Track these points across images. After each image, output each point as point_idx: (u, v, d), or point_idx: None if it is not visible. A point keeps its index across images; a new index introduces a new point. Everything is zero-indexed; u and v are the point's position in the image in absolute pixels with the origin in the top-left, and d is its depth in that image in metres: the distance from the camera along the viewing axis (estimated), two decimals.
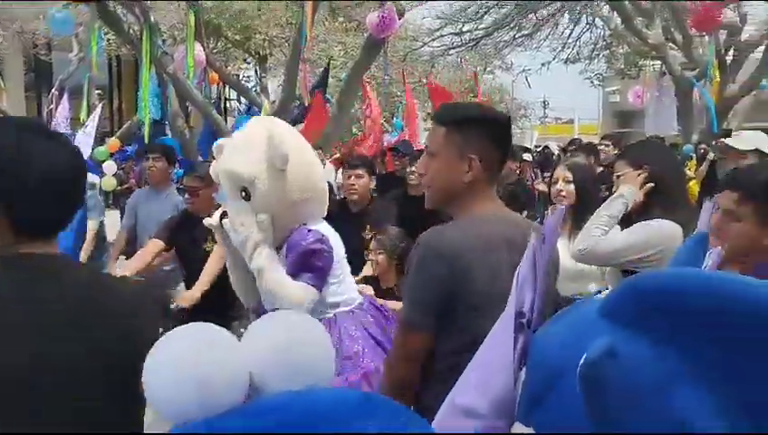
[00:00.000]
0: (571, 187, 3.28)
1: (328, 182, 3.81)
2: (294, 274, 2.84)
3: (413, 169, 4.63)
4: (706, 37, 8.67)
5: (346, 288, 3.05)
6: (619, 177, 2.73)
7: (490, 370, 1.26)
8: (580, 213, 3.16)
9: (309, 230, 2.88)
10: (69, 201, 1.40)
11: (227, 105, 18.92)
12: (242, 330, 1.33)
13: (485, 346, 1.29)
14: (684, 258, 1.40)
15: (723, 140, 4.54)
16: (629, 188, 2.60)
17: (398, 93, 17.15)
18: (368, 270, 3.88)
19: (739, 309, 0.95)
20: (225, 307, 3.78)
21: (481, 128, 1.82)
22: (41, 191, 1.33)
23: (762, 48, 8.83)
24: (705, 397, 0.97)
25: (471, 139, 1.80)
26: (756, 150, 3.70)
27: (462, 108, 2.03)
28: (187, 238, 4.16)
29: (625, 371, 0.98)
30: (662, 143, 3.57)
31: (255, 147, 2.83)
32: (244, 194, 2.84)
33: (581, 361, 0.96)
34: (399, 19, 6.04)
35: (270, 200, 2.81)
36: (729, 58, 8.92)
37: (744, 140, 3.94)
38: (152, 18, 6.68)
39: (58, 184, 1.35)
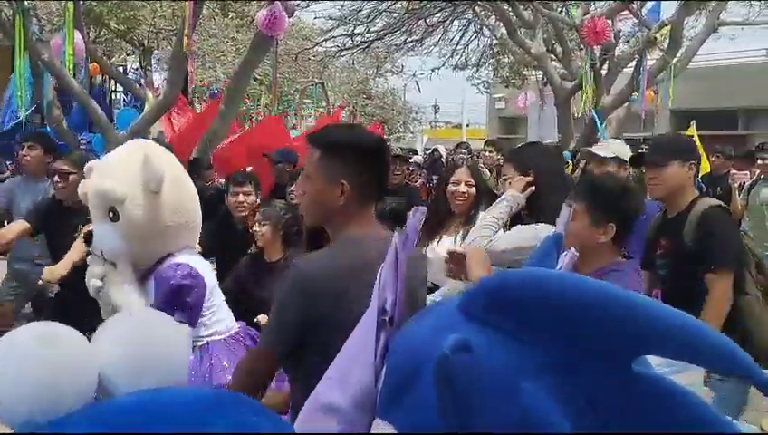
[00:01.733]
0: (473, 189, 3.38)
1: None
2: (164, 311, 2.76)
3: (293, 187, 4.58)
4: (584, 51, 9.12)
5: (220, 317, 3.00)
6: (506, 180, 2.84)
7: (351, 366, 1.28)
8: (474, 214, 3.28)
9: (178, 265, 2.80)
10: None
11: (113, 97, 18.17)
12: None
13: (348, 344, 1.31)
14: (538, 258, 1.48)
15: (587, 147, 4.80)
16: (513, 193, 2.70)
17: (291, 92, 17.04)
18: None
19: (575, 307, 1.00)
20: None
21: (353, 152, 1.84)
22: None
23: (632, 64, 9.39)
24: (549, 393, 1.02)
25: (343, 163, 1.82)
26: (616, 158, 3.93)
27: (335, 132, 2.02)
28: (57, 226, 3.96)
29: (477, 366, 1.01)
30: (549, 147, 3.68)
31: (129, 167, 2.73)
32: (111, 215, 2.74)
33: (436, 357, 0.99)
34: (289, 18, 6.01)
35: (140, 223, 2.72)
36: (603, 72, 9.41)
37: (605, 148, 4.19)
38: (26, 3, 6.32)
39: None
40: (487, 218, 2.68)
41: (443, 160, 8.62)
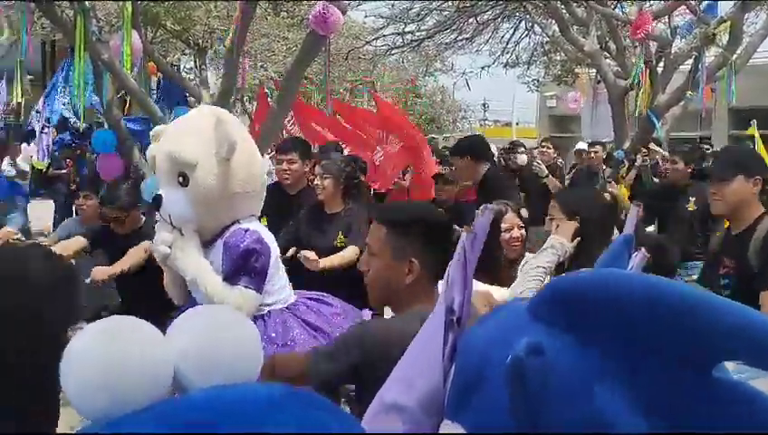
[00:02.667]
0: (524, 230, 3.37)
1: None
2: (232, 276, 2.79)
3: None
4: (638, 48, 8.94)
5: (281, 288, 3.02)
6: (552, 220, 2.79)
7: (418, 367, 1.27)
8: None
9: (246, 230, 2.81)
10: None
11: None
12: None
13: (414, 344, 1.30)
14: (609, 261, 1.45)
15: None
16: (561, 241, 2.65)
17: (341, 91, 17.12)
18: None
19: (647, 308, 0.98)
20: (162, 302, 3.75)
21: (421, 230, 1.82)
22: None
23: (689, 61, 9.16)
24: (624, 395, 1.00)
25: (411, 241, 1.80)
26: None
27: (403, 209, 2.01)
28: (107, 250, 4.11)
29: (549, 369, 1.00)
30: (597, 192, 3.56)
31: (201, 132, 2.72)
32: (181, 179, 2.73)
33: (508, 358, 0.98)
34: (343, 16, 6.02)
35: (209, 189, 2.71)
36: (659, 69, 9.21)
37: None
38: (87, 4, 6.48)
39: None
40: (534, 268, 2.62)
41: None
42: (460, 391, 1.14)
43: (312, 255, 3.52)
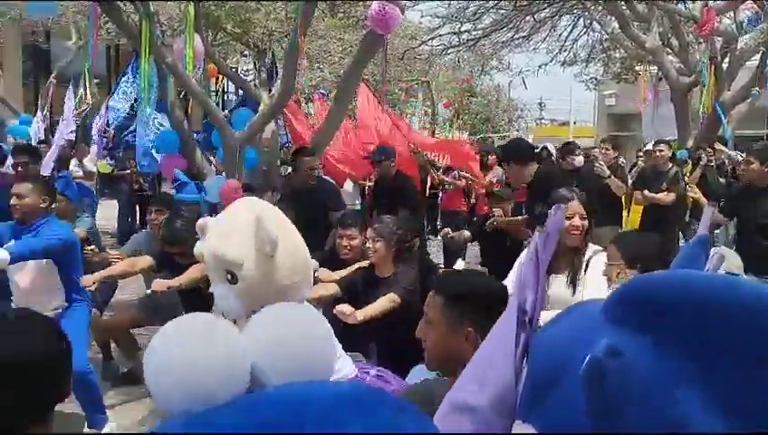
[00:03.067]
0: (586, 222, 3.29)
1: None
2: None
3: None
4: (703, 44, 8.70)
5: (340, 366, 3.06)
6: (611, 265, 2.76)
7: (489, 367, 1.27)
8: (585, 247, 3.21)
9: None
10: (43, 390, 1.47)
11: (225, 98, 18.89)
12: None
13: (485, 345, 1.30)
14: (685, 261, 1.41)
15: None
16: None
17: (397, 91, 17.15)
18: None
19: (730, 309, 0.96)
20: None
21: (478, 301, 1.84)
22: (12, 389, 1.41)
23: (756, 57, 8.89)
24: (699, 395, 0.99)
25: (468, 312, 1.82)
26: None
27: (460, 281, 2.02)
28: (171, 269, 4.25)
29: (627, 370, 0.99)
30: (659, 240, 3.42)
31: (243, 230, 2.73)
32: (230, 277, 2.75)
33: (585, 360, 0.97)
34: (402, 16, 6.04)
35: (257, 285, 2.72)
36: (725, 65, 8.95)
37: None
38: (151, 8, 6.66)
39: (33, 378, 1.43)
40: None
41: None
42: (533, 392, 1.13)
43: (347, 308, 3.54)
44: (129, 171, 11.10)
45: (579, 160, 7.31)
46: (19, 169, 5.73)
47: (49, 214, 4.25)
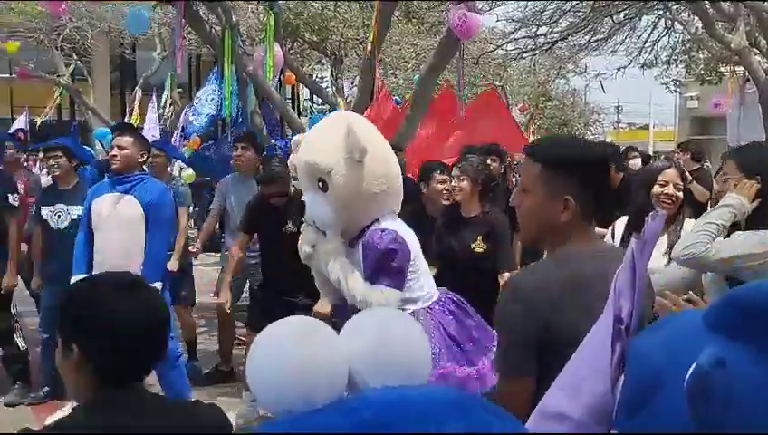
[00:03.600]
0: (680, 193, 3.17)
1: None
2: (373, 276, 2.88)
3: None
4: None
5: (423, 283, 3.07)
6: (727, 179, 2.65)
7: (584, 375, 1.26)
8: (680, 218, 3.11)
9: (382, 231, 2.90)
10: (147, 354, 1.54)
11: (300, 105, 19.22)
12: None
13: (580, 352, 1.29)
14: None
15: None
16: (741, 200, 2.51)
17: (470, 96, 17.07)
18: None
19: None
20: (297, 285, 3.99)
21: (577, 168, 1.75)
22: (120, 347, 1.47)
23: None
24: None
25: (568, 179, 1.74)
26: None
27: (559, 146, 1.89)
28: (266, 224, 4.34)
29: (733, 380, 0.97)
30: None
31: (333, 139, 2.87)
32: (321, 185, 2.88)
33: (690, 370, 0.96)
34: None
35: (347, 191, 2.84)
36: None
37: None
38: (234, 19, 6.85)
39: (136, 340, 1.48)
40: (708, 223, 2.50)
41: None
42: (631, 400, 1.12)
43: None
44: (209, 178, 11.40)
45: (634, 163, 7.17)
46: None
47: (145, 172, 4.44)
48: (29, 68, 12.12)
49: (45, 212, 4.93)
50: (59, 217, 4.89)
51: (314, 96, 16.13)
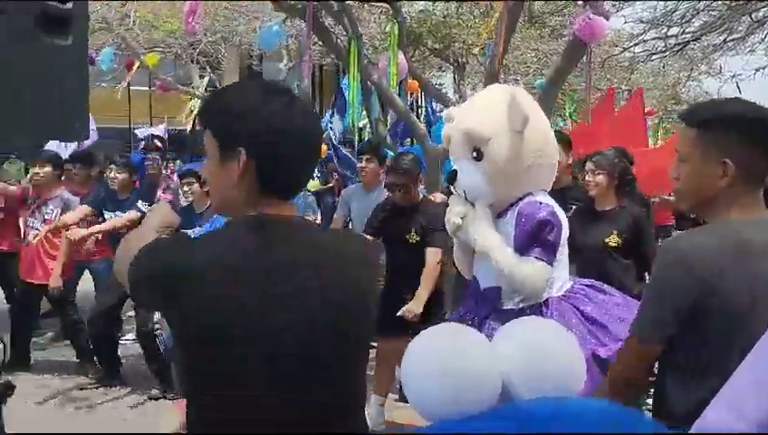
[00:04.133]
0: None
1: None
2: (524, 246, 2.81)
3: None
4: None
5: (562, 271, 2.97)
6: None
7: (749, 395, 1.19)
8: None
9: (540, 202, 2.84)
10: (310, 164, 1.49)
11: (419, 112, 19.34)
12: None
13: (746, 364, 1.22)
14: None
15: None
16: None
17: (593, 102, 16.58)
18: None
19: None
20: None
21: (739, 128, 1.64)
22: (291, 154, 1.40)
23: None
24: None
25: (726, 141, 1.64)
26: None
27: (715, 105, 1.79)
28: (394, 227, 4.38)
29: None
30: None
31: (494, 108, 2.82)
32: (475, 154, 2.84)
33: None
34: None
35: (503, 162, 2.79)
36: None
37: None
38: (359, 29, 6.99)
39: (305, 148, 1.43)
40: None
41: None
42: None
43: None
44: (332, 185, 11.67)
45: None
46: None
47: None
48: (167, 81, 12.86)
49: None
50: None
51: (433, 103, 16.19)
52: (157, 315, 5.58)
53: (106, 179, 5.96)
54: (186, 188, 5.22)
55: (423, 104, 19.50)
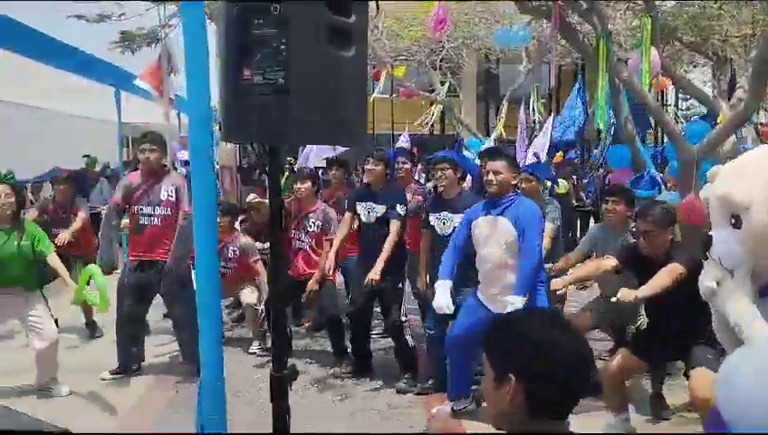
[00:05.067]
0: None
1: None
2: None
3: None
4: None
5: None
6: None
7: None
8: None
9: None
10: (576, 388, 1.53)
11: (666, 110, 18.20)
12: None
13: None
14: None
15: None
16: None
17: None
18: None
19: None
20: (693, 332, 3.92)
21: None
22: (560, 378, 1.48)
23: None
24: None
25: None
26: None
27: None
28: (640, 270, 4.18)
29: None
30: None
31: (757, 173, 2.64)
32: (733, 221, 2.67)
33: None
34: None
35: (762, 231, 2.59)
36: None
37: None
38: (608, 26, 6.75)
39: (572, 372, 1.49)
40: None
41: None
42: None
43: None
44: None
45: None
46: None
47: (517, 192, 4.67)
48: (411, 88, 13.37)
49: (432, 218, 5.39)
50: (444, 223, 5.31)
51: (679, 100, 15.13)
52: (403, 308, 5.82)
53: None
54: (440, 174, 5.39)
55: (670, 102, 18.32)
